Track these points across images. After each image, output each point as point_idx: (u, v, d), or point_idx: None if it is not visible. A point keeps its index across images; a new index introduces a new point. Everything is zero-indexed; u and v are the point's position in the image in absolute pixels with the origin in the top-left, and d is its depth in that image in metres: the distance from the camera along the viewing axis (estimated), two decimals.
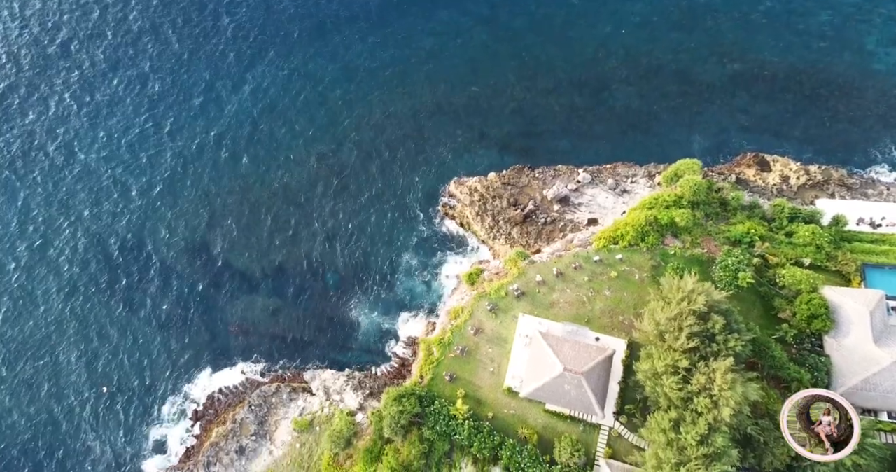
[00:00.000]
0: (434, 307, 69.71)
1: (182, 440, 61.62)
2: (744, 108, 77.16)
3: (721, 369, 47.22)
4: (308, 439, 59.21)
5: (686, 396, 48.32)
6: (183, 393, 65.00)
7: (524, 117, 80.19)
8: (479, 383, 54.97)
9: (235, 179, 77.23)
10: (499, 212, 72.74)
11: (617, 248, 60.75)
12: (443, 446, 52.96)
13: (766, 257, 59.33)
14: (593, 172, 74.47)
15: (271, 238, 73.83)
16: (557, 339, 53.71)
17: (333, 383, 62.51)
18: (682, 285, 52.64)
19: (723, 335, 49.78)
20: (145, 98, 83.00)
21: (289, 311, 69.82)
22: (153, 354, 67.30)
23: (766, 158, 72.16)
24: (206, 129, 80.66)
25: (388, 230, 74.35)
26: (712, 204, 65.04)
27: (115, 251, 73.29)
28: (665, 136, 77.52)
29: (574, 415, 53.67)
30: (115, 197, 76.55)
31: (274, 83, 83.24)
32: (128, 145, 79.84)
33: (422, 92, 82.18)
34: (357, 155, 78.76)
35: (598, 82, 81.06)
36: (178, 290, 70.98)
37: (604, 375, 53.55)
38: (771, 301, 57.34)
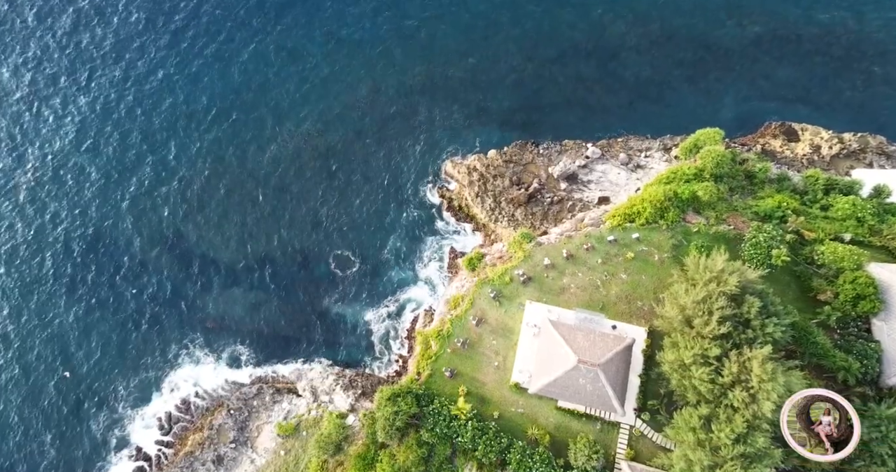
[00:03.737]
0: (431, 297, 64.22)
1: (154, 450, 55.89)
2: (766, 74, 71.06)
3: (758, 358, 42.31)
4: (294, 445, 54.04)
5: (718, 389, 43.40)
6: (154, 398, 59.17)
7: (526, 90, 74.87)
8: (483, 380, 50.95)
9: (212, 161, 71.39)
10: (500, 192, 67.23)
11: (633, 226, 55.65)
12: (444, 450, 48.86)
13: (801, 233, 53.98)
14: (603, 147, 68.61)
15: (252, 225, 68.18)
16: (570, 328, 49.37)
17: (322, 383, 57.13)
18: (709, 265, 47.71)
19: (759, 320, 45.05)
20: (112, 73, 76.83)
21: (272, 304, 64.21)
22: (120, 354, 61.33)
23: (793, 127, 66.38)
24: (180, 107, 74.66)
25: (379, 215, 68.93)
26: (737, 177, 59.78)
27: (78, 240, 67.26)
28: (680, 107, 71.68)
29: (590, 413, 49.42)
30: (77, 180, 70.45)
31: (254, 58, 77.17)
32: (96, 124, 73.67)
33: (414, 65, 76.58)
34: (345, 135, 73.34)
35: (606, 50, 75.42)
36: (149, 282, 65.18)
37: (623, 367, 48.92)
38: (808, 281, 52.08)
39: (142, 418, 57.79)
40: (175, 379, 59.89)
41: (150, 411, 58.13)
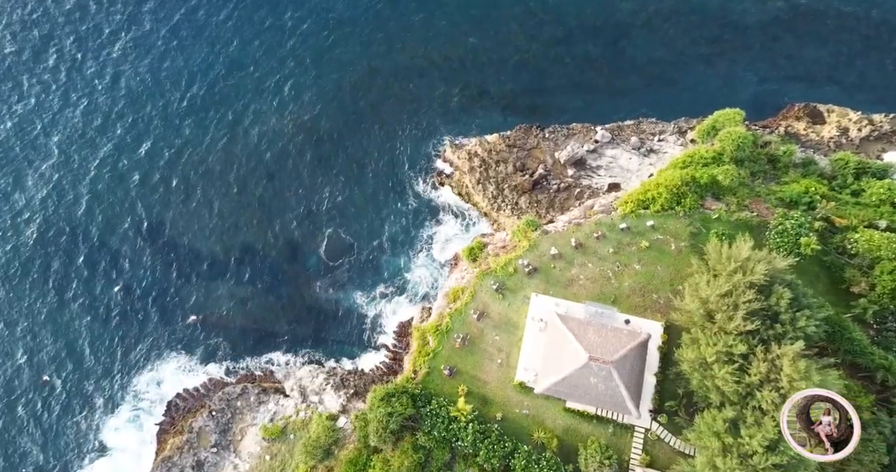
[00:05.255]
0: (429, 290, 60.20)
1: (132, 454, 51.93)
2: (788, 53, 66.96)
3: (789, 355, 38.62)
4: (280, 449, 50.31)
5: (744, 389, 39.80)
6: (132, 398, 55.15)
7: (530, 72, 70.95)
8: (485, 378, 47.76)
9: (196, 145, 67.33)
10: (503, 179, 63.21)
11: (647, 213, 51.97)
12: (442, 455, 45.63)
13: (830, 220, 50.25)
14: (613, 130, 64.48)
15: (239, 214, 64.13)
16: (579, 322, 45.95)
17: (311, 382, 53.28)
18: (733, 253, 43.70)
19: (789, 313, 41.36)
20: (88, 51, 72.52)
21: (259, 298, 60.26)
22: (95, 352, 57.31)
23: (818, 109, 62.34)
24: (164, 87, 70.54)
25: (374, 204, 65.01)
26: (759, 161, 56.07)
27: (52, 230, 63.18)
28: (695, 89, 67.80)
29: (602, 415, 46.03)
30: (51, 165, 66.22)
31: (243, 35, 73.02)
32: (69, 106, 69.45)
33: (412, 45, 72.68)
34: (339, 119, 69.43)
35: (615, 29, 71.66)
36: (128, 275, 61.17)
37: (637, 365, 45.56)
38: (839, 272, 48.41)
39: (116, 418, 53.78)
40: (153, 378, 55.88)
41: (125, 411, 54.08)
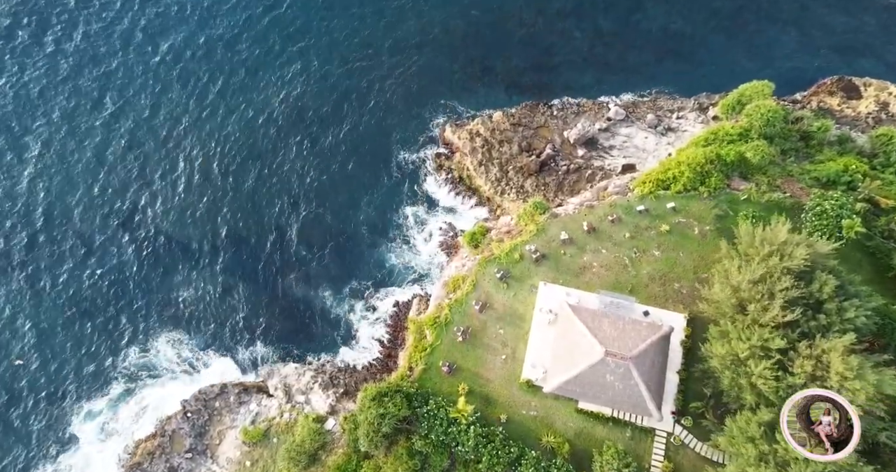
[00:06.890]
0: (426, 279, 55.94)
1: (99, 460, 47.60)
2: (819, 22, 62.33)
3: (838, 350, 34.54)
4: (262, 454, 46.18)
5: (785, 389, 35.39)
6: (99, 399, 50.65)
7: (537, 47, 66.56)
8: (488, 376, 44.14)
9: (174, 123, 62.82)
10: (507, 160, 58.79)
11: (667, 194, 47.88)
12: (440, 461, 42.06)
13: (874, 201, 46.00)
14: (627, 107, 59.94)
15: (220, 199, 59.72)
16: (593, 314, 41.80)
17: (297, 381, 49.08)
18: (768, 236, 39.18)
19: (835, 303, 37.18)
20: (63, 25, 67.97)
21: (241, 289, 55.76)
22: (61, 348, 52.71)
23: (853, 83, 57.70)
24: (141, 59, 65.94)
25: (368, 188, 60.83)
26: (790, 138, 51.74)
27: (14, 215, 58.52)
28: (716, 64, 63.33)
29: (619, 416, 42.24)
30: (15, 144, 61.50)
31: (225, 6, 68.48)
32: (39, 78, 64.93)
33: (408, 18, 68.34)
34: (330, 97, 65.15)
35: (629, 1, 67.45)
36: (99, 264, 56.64)
37: (659, 361, 41.54)
38: (886, 259, 43.90)
39: (85, 423, 49.31)
40: (123, 377, 51.42)
41: (93, 415, 49.39)
